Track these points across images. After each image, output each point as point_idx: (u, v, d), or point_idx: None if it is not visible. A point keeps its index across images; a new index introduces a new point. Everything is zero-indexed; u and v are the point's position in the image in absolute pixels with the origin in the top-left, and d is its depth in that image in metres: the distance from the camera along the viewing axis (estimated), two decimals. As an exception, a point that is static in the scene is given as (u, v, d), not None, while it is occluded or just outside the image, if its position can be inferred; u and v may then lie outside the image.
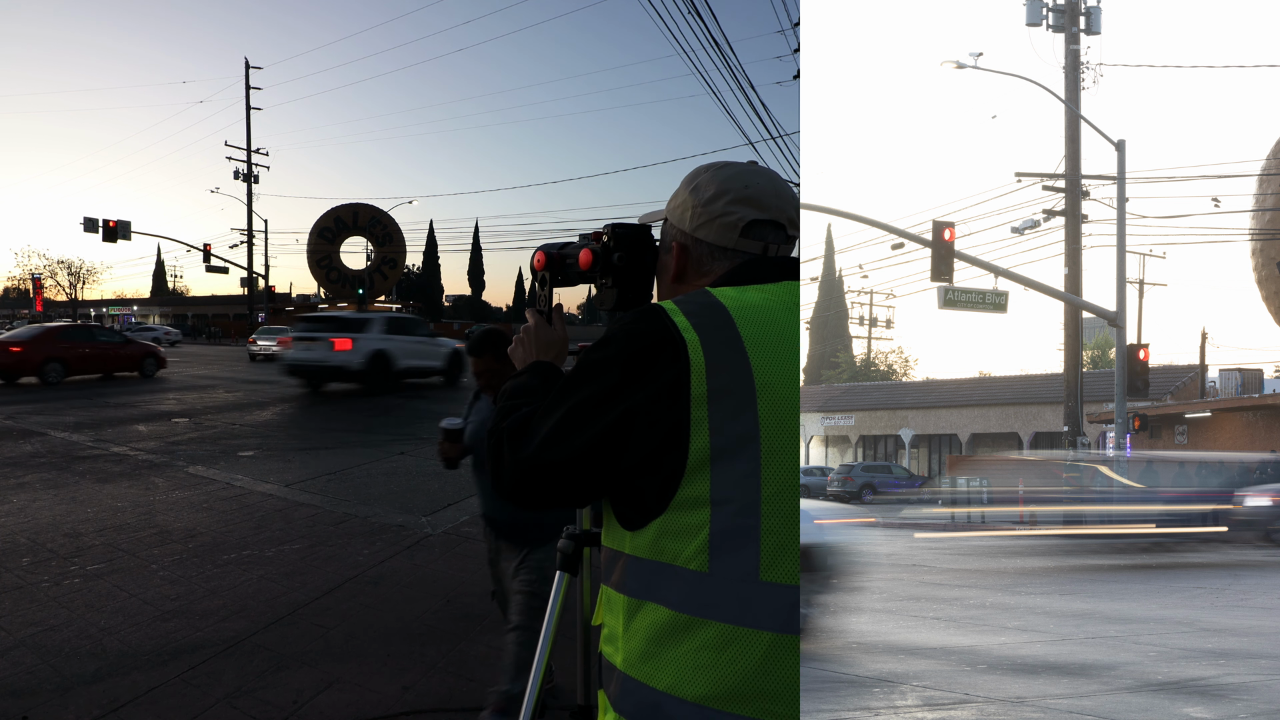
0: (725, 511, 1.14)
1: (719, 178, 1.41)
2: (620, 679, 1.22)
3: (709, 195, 1.40)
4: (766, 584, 1.13)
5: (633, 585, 1.21)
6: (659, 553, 1.18)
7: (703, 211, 1.39)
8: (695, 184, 1.43)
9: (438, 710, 3.56)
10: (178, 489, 8.08)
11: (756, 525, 1.14)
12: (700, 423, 1.15)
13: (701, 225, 1.40)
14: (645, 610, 1.19)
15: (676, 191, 1.48)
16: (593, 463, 1.21)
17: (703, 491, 1.15)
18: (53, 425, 12.85)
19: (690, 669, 1.13)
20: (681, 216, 1.43)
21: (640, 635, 1.19)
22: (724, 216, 1.38)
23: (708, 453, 1.15)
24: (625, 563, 1.23)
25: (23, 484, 8.21)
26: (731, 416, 1.16)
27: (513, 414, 1.33)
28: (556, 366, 1.51)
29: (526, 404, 1.36)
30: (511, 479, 1.26)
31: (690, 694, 1.13)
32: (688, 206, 1.42)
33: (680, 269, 1.45)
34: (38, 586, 5.06)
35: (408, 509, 7.38)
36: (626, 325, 1.26)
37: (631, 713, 1.19)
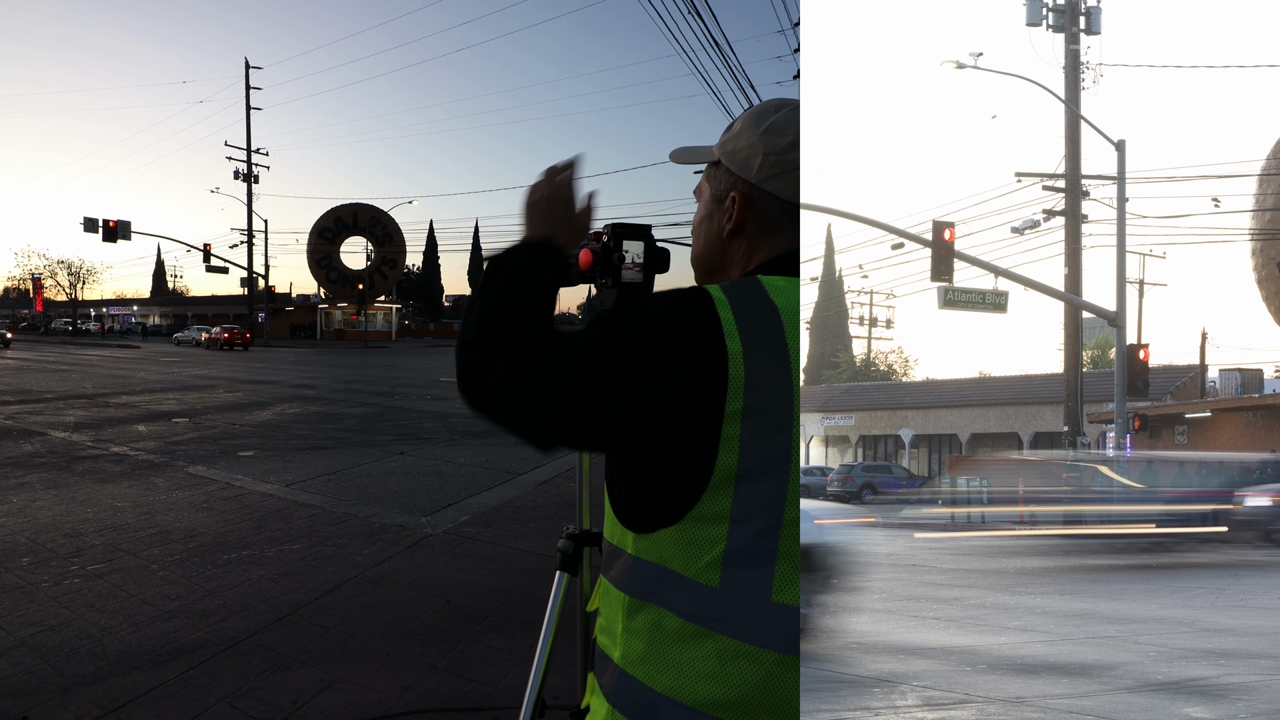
0: (744, 530, 1.09)
1: (794, 122, 1.20)
2: (616, 673, 1.20)
3: (787, 142, 1.18)
4: (777, 605, 1.10)
5: (635, 586, 1.17)
6: (667, 560, 1.13)
7: (777, 161, 1.18)
8: (768, 124, 1.20)
9: (438, 710, 3.56)
10: (178, 489, 8.08)
11: (775, 547, 1.09)
12: (731, 440, 1.06)
13: (773, 176, 1.19)
14: (648, 611, 1.15)
15: (737, 131, 1.24)
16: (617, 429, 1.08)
17: (723, 508, 1.08)
18: (53, 425, 12.85)
19: (693, 676, 1.11)
20: (746, 162, 1.21)
21: (641, 635, 1.16)
22: (798, 171, 1.18)
23: (734, 471, 1.07)
24: (628, 562, 1.18)
25: (23, 484, 8.21)
26: (766, 436, 1.07)
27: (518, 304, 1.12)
28: (565, 256, 1.25)
29: (530, 286, 1.16)
30: (514, 387, 1.06)
31: (690, 700, 1.11)
32: (758, 151, 1.20)
33: (741, 222, 1.23)
34: (38, 586, 5.06)
35: (408, 509, 7.38)
36: (669, 304, 1.10)
37: (627, 709, 1.17)
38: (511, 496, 8.06)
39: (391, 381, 24.72)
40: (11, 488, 8.01)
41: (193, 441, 11.40)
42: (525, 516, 7.19)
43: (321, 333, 72.69)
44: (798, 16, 25.13)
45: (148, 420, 13.83)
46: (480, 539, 6.39)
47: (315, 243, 65.99)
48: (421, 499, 7.85)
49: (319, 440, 11.85)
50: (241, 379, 24.53)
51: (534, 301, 1.15)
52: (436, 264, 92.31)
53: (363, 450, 10.89)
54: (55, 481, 8.35)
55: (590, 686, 1.30)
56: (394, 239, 67.79)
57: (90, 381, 22.56)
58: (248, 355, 42.86)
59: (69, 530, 6.41)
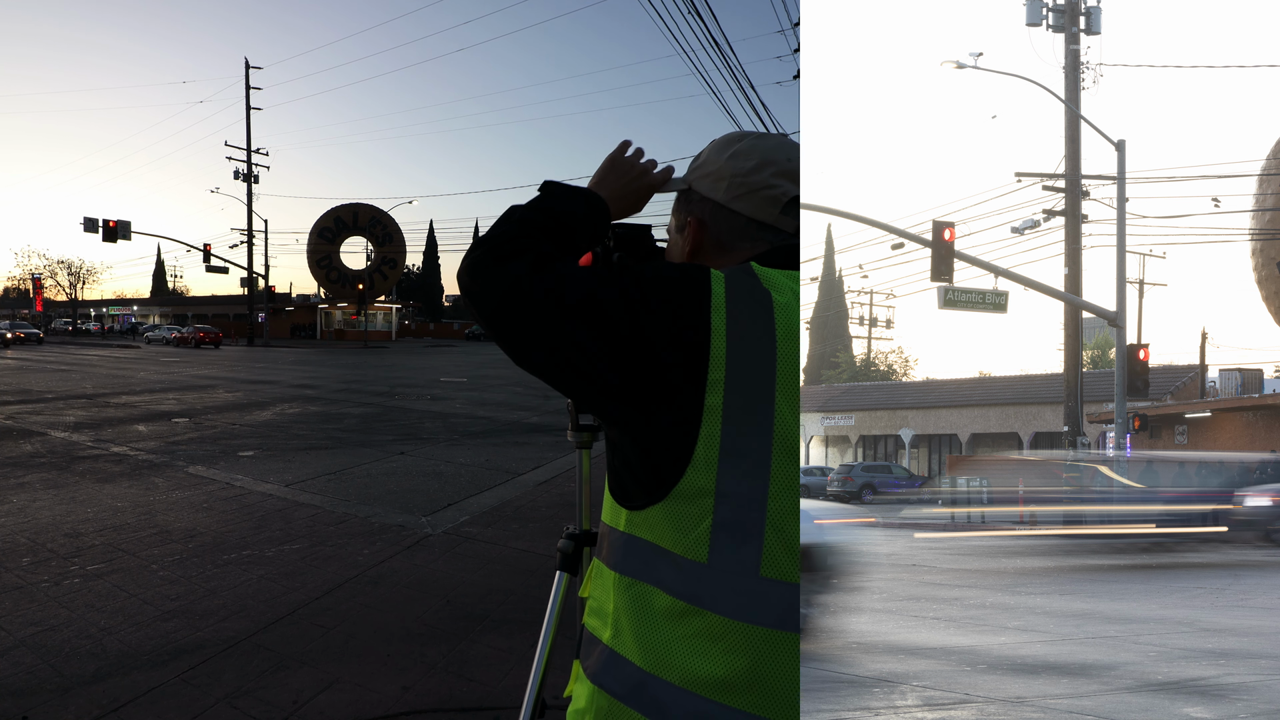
0: (729, 504, 1.11)
1: (761, 147, 1.31)
2: (604, 653, 1.20)
3: (751, 165, 1.29)
4: (766, 579, 1.10)
5: (627, 564, 1.18)
6: (657, 537, 1.14)
7: (743, 182, 1.29)
8: (734, 150, 1.32)
9: (438, 710, 3.56)
10: (178, 489, 8.08)
11: (761, 520, 1.11)
12: (713, 411, 1.09)
13: (740, 197, 1.29)
14: (638, 590, 1.16)
15: (705, 159, 1.36)
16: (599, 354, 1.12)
17: (708, 482, 1.10)
18: (53, 425, 12.85)
19: (681, 654, 1.11)
20: (714, 186, 1.31)
21: (631, 614, 1.16)
22: (767, 189, 1.28)
23: (718, 442, 1.10)
24: (621, 540, 1.20)
25: (23, 484, 8.21)
26: (748, 409, 1.10)
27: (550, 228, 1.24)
28: (610, 213, 1.36)
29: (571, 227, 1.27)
30: (531, 281, 1.14)
31: (678, 677, 1.11)
32: (724, 175, 1.31)
33: (696, 246, 1.34)
34: (38, 586, 5.06)
35: (408, 509, 7.38)
36: (671, 268, 1.18)
37: (613, 688, 1.16)
38: (511, 496, 8.06)
39: (391, 381, 24.72)
40: (11, 488, 8.01)
41: (193, 441, 11.40)
42: (525, 516, 7.19)
43: (321, 333, 72.71)
44: (798, 16, 25.14)
45: (148, 420, 13.83)
46: (480, 539, 6.39)
47: (315, 243, 65.98)
48: (421, 499, 7.85)
49: (319, 440, 11.85)
50: (241, 379, 24.53)
51: (569, 238, 1.26)
52: (436, 264, 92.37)
53: (363, 450, 10.89)
54: (55, 481, 8.35)
55: (575, 674, 1.30)
56: (394, 239, 67.77)
57: (90, 381, 22.56)
58: (243, 354, 42.86)
59: (69, 530, 6.41)
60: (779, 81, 59.89)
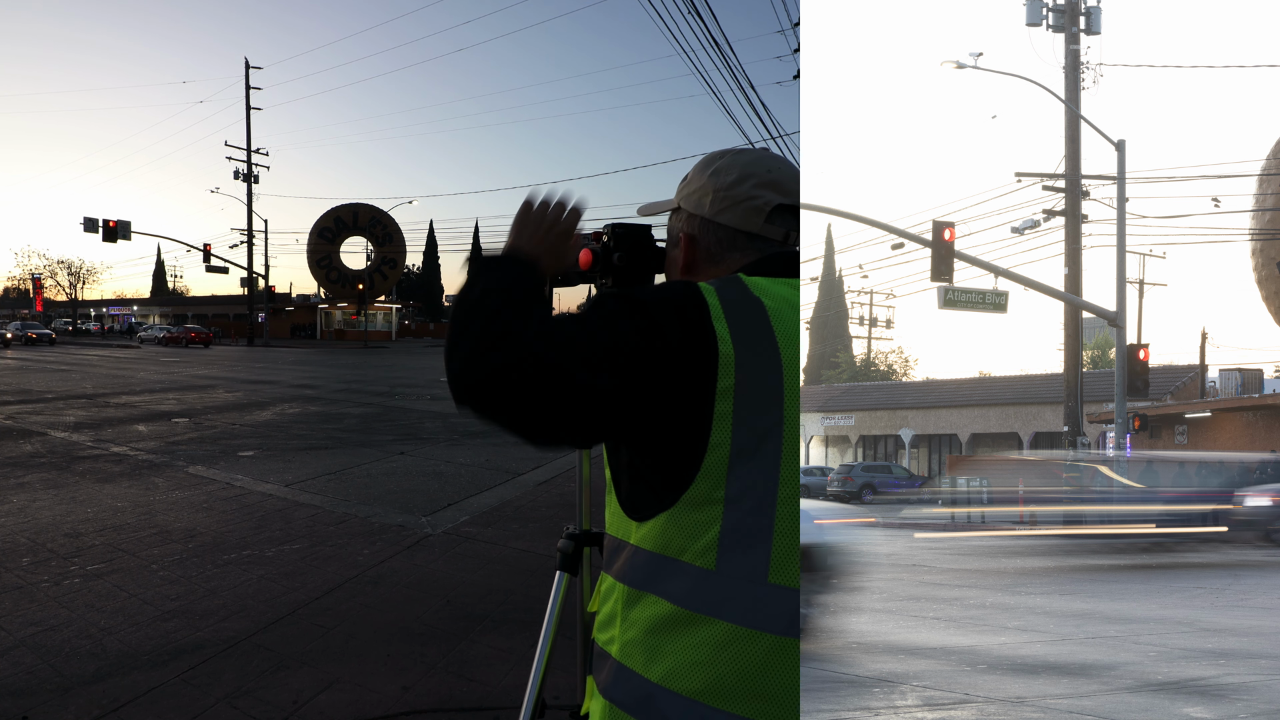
0: (738, 510, 1.11)
1: (740, 162, 1.36)
2: (614, 667, 1.20)
3: (731, 179, 1.33)
4: (773, 586, 1.11)
5: (634, 576, 1.18)
6: (664, 546, 1.14)
7: (725, 196, 1.33)
8: (714, 168, 1.36)
9: (438, 710, 3.56)
10: (178, 489, 8.08)
11: (769, 526, 1.11)
12: (723, 417, 1.10)
13: (724, 210, 1.33)
14: (645, 601, 1.16)
15: (689, 179, 1.41)
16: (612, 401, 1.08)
17: (717, 488, 1.11)
18: (53, 425, 12.85)
19: (687, 664, 1.11)
20: (699, 202, 1.36)
21: (638, 626, 1.17)
22: (749, 200, 1.32)
23: (727, 449, 1.11)
24: (629, 553, 1.20)
25: (23, 484, 8.21)
26: (757, 414, 1.11)
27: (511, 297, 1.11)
28: (542, 276, 1.22)
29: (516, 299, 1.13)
30: (523, 364, 1.03)
31: (685, 688, 1.11)
32: (707, 191, 1.35)
33: (689, 261, 1.38)
34: (38, 586, 5.06)
35: (408, 509, 7.38)
36: (661, 290, 1.18)
37: (622, 701, 1.17)
38: (511, 496, 8.06)
39: (391, 381, 24.72)
40: (11, 488, 8.01)
41: (193, 441, 11.40)
42: (525, 516, 7.19)
43: (321, 333, 72.70)
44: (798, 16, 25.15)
45: (148, 420, 13.83)
46: (480, 539, 6.39)
47: (315, 243, 65.97)
48: (421, 499, 7.85)
49: (319, 440, 11.85)
50: (241, 379, 24.53)
51: (528, 303, 1.14)
52: (436, 264, 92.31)
53: (363, 450, 10.89)
54: (55, 481, 8.36)
55: (589, 690, 1.30)
56: (394, 239, 67.76)
57: (90, 381, 22.57)
58: (243, 354, 42.86)
59: (69, 530, 6.41)
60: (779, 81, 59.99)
